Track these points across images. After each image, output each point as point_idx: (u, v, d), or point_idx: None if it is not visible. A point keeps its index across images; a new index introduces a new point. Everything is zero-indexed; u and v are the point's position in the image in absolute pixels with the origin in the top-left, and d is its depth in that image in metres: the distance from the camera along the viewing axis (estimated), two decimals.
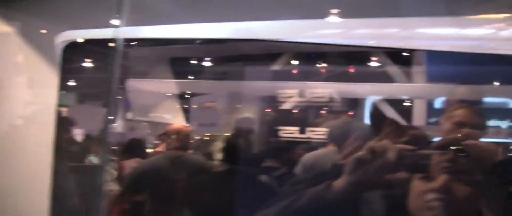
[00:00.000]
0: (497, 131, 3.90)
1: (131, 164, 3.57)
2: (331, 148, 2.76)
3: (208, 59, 5.14)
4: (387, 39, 2.33)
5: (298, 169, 2.79)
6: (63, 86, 2.01)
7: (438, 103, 4.20)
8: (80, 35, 2.40)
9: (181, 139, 3.33)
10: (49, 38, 2.08)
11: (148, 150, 4.40)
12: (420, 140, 1.95)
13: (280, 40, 3.10)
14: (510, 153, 2.84)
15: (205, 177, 3.06)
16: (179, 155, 3.22)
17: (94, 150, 3.30)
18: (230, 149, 3.15)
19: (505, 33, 2.04)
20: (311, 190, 1.62)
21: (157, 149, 4.32)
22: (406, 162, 1.56)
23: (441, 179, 1.53)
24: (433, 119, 4.28)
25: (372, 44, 2.44)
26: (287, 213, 1.63)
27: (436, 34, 2.23)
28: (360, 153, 1.59)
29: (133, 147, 3.99)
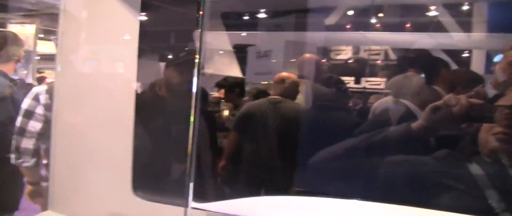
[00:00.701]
0: None
1: None
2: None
3: (263, 10, 5.17)
4: None
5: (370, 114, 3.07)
6: (142, 37, 2.07)
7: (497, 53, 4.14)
8: None
9: (286, 86, 3.48)
10: None
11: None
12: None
13: None
14: None
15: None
16: (280, 100, 3.41)
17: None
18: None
19: None
20: (392, 128, 2.20)
21: (215, 96, 4.50)
22: (474, 113, 1.87)
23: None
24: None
25: None
26: (368, 143, 2.17)
27: None
28: (436, 103, 2.00)
29: None
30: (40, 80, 10.42)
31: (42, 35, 13.27)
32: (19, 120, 3.08)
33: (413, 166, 2.08)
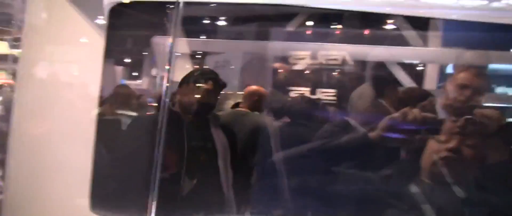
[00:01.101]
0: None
1: None
2: None
3: (223, 18, 5.17)
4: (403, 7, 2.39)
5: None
6: (109, 51, 2.05)
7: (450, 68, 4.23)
8: None
9: (256, 99, 3.48)
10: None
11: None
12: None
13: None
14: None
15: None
16: (247, 113, 3.41)
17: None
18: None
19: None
20: (350, 135, 2.30)
21: None
22: (426, 126, 1.97)
23: (451, 141, 1.86)
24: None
25: (387, 11, 2.50)
26: (325, 148, 2.32)
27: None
28: (393, 115, 2.17)
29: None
30: None
31: None
32: None
33: (359, 183, 2.15)
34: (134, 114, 2.94)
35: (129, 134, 2.70)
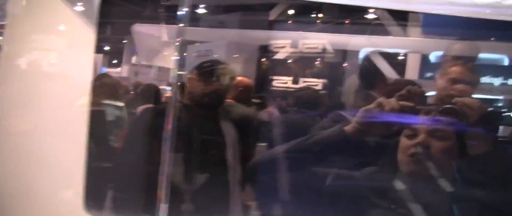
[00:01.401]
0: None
1: None
2: None
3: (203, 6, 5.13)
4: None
5: None
6: (99, 44, 1.99)
7: (433, 57, 4.24)
8: None
9: (241, 90, 3.44)
10: None
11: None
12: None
13: None
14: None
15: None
16: (232, 104, 3.38)
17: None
18: None
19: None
20: (326, 131, 2.14)
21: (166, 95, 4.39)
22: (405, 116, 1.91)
23: (421, 136, 1.83)
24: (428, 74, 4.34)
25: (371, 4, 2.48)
26: (302, 147, 2.13)
27: None
28: (368, 106, 2.00)
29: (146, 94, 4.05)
30: None
31: None
32: None
33: (339, 181, 2.11)
34: (125, 105, 2.87)
35: (131, 127, 2.65)
